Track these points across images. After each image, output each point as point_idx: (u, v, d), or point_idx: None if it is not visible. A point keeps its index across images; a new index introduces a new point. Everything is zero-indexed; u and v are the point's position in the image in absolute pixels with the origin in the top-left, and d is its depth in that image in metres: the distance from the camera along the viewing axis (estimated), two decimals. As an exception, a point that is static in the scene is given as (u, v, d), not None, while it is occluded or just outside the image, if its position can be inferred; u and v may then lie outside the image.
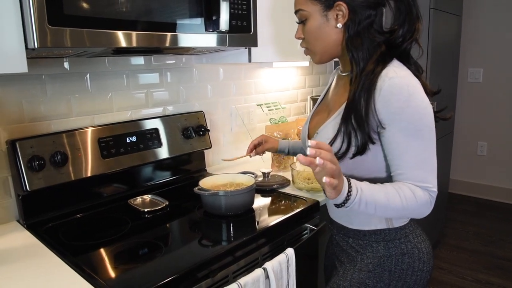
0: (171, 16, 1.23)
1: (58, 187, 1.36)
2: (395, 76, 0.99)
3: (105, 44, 1.09)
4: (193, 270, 1.07)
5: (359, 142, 1.03)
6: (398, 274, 1.13)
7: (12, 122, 1.35)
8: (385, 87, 0.99)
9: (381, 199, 0.98)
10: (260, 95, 2.25)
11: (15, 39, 0.97)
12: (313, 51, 1.16)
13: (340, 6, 1.05)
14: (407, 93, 0.98)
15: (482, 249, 3.22)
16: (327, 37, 1.10)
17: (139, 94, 1.70)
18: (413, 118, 0.99)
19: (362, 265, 1.15)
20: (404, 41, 1.06)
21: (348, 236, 1.20)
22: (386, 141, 1.02)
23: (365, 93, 1.01)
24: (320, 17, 1.08)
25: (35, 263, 1.12)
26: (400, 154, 1.01)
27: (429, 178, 1.01)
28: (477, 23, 3.98)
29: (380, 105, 0.99)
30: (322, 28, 1.09)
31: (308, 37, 1.13)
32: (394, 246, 1.13)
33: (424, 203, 1.00)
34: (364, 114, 1.01)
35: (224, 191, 1.37)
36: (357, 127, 1.02)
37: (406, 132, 0.99)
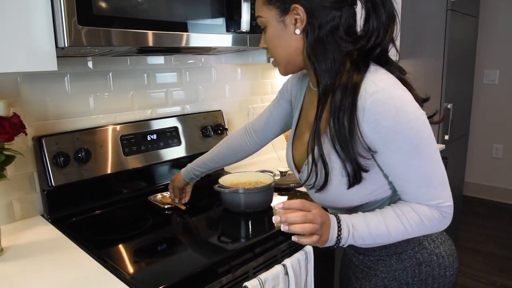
0: (195, 17, 1.26)
1: (81, 183, 1.40)
2: (376, 90, 0.85)
3: (133, 43, 1.12)
4: (214, 265, 1.09)
5: (350, 173, 0.91)
6: (417, 285, 1.04)
7: (38, 119, 1.39)
8: (368, 105, 0.85)
9: (380, 230, 0.91)
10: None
11: (46, 38, 1.00)
12: (277, 61, 1.01)
13: (297, 9, 0.90)
14: (394, 108, 0.84)
15: (497, 251, 3.20)
16: (287, 46, 0.96)
17: (159, 93, 1.73)
18: (407, 134, 0.86)
19: (378, 281, 1.07)
20: (375, 45, 0.91)
21: (359, 252, 1.11)
22: (382, 163, 0.91)
23: (347, 115, 0.87)
24: (277, 23, 0.95)
25: (62, 256, 1.15)
26: (401, 175, 0.91)
27: (438, 194, 0.91)
28: (494, 25, 3.95)
29: (367, 128, 0.86)
30: (280, 35, 0.95)
31: (269, 46, 0.99)
32: (407, 257, 1.03)
33: (436, 221, 0.92)
34: (349, 140, 0.87)
35: (243, 189, 1.39)
36: (344, 156, 0.90)
37: (402, 151, 0.87)
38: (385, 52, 0.93)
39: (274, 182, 1.46)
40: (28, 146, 1.36)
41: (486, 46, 3.99)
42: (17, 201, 1.37)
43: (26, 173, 1.38)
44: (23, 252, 1.17)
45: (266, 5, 0.95)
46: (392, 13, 0.90)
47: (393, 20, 0.91)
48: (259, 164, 1.99)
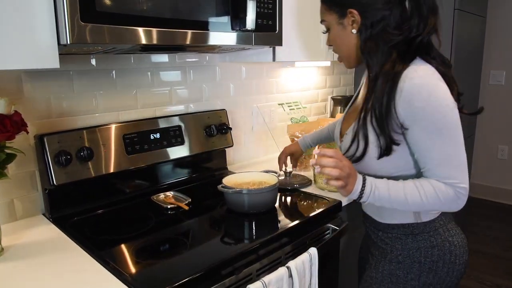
0: (200, 15, 1.24)
1: (83, 182, 1.38)
2: (415, 76, 1.01)
3: (136, 41, 1.10)
4: (218, 267, 1.07)
5: (382, 144, 1.06)
6: (428, 265, 1.15)
7: (40, 117, 1.37)
8: (406, 88, 1.00)
9: (399, 195, 1.04)
10: (281, 94, 2.25)
11: (48, 35, 0.99)
12: (341, 57, 1.21)
13: (352, 13, 1.08)
14: (427, 93, 0.99)
15: (502, 254, 3.17)
16: (348, 43, 1.14)
17: (163, 92, 1.71)
18: (434, 117, 1.00)
19: (392, 257, 1.20)
20: (418, 35, 1.05)
21: (378, 229, 1.24)
22: (410, 140, 1.05)
23: (386, 95, 1.03)
24: (337, 25, 1.14)
25: (62, 256, 1.13)
26: (424, 152, 1.04)
27: (455, 174, 1.02)
28: (501, 25, 3.91)
29: (401, 107, 1.01)
30: (341, 35, 1.14)
31: (333, 44, 1.20)
32: (422, 239, 1.16)
33: (450, 199, 1.03)
34: (385, 117, 1.03)
35: (247, 189, 1.37)
36: (379, 130, 1.05)
37: (428, 130, 1.01)
38: (427, 43, 1.07)
39: (278, 182, 1.44)
40: (30, 144, 1.35)
41: (493, 46, 3.95)
42: (19, 200, 1.36)
43: (27, 172, 1.37)
44: (23, 252, 1.16)
45: (328, 11, 1.14)
46: (432, 6, 1.05)
47: (433, 12, 1.05)
48: (264, 164, 1.98)
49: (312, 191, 1.62)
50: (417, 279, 1.17)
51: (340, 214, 1.50)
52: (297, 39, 1.74)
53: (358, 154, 1.10)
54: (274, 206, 1.45)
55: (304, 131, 1.93)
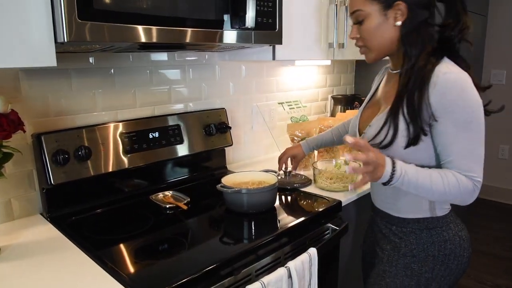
0: (200, 13, 1.23)
1: (81, 181, 1.37)
2: (449, 71, 1.06)
3: (135, 39, 1.09)
4: (216, 268, 1.06)
5: (411, 134, 1.10)
6: (441, 259, 1.21)
7: (38, 116, 1.36)
8: (440, 82, 1.05)
9: (425, 182, 1.07)
10: (281, 93, 2.24)
11: (44, 33, 0.97)
12: (370, 49, 1.20)
13: (399, 5, 1.11)
14: (460, 88, 1.05)
15: (502, 254, 3.17)
16: (385, 35, 1.16)
17: (162, 90, 1.70)
18: (464, 111, 1.05)
19: (407, 251, 1.24)
20: (454, 36, 1.12)
21: (392, 223, 1.28)
22: (437, 131, 1.09)
23: (419, 87, 1.08)
24: (379, 16, 1.14)
25: (59, 256, 1.12)
26: (449, 144, 1.08)
27: (475, 168, 1.08)
28: (502, 24, 3.89)
29: (434, 99, 1.06)
30: (380, 26, 1.15)
31: (366, 35, 1.18)
32: (436, 233, 1.21)
33: (468, 191, 1.08)
34: (417, 107, 1.07)
35: (246, 189, 1.36)
36: (409, 119, 1.09)
37: (456, 123, 1.05)
38: (458, 47, 1.14)
39: (277, 182, 1.43)
40: (28, 143, 1.34)
41: (494, 46, 3.93)
42: (16, 199, 1.35)
43: (25, 171, 1.36)
44: (20, 252, 1.15)
45: (370, 1, 1.14)
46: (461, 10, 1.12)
47: (465, 12, 1.12)
48: (263, 164, 1.97)
49: (312, 191, 1.61)
50: (431, 271, 1.21)
51: (340, 214, 1.49)
52: (297, 37, 1.72)
53: (386, 142, 1.13)
54: (273, 206, 1.44)
55: (304, 130, 1.92)
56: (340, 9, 1.87)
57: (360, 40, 1.21)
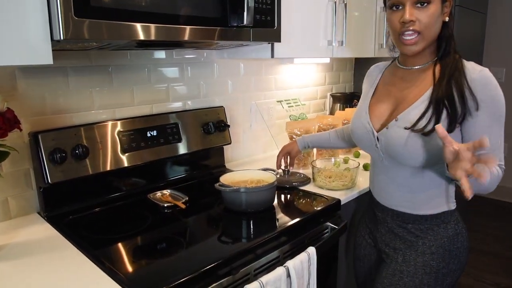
0: (198, 10, 1.22)
1: (78, 180, 1.36)
2: (482, 69, 1.12)
3: (132, 36, 1.08)
4: (215, 267, 1.06)
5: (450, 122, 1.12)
6: (455, 252, 1.25)
7: (35, 114, 1.35)
8: (477, 77, 1.10)
9: None
10: (280, 91, 2.23)
11: (41, 31, 0.96)
12: (424, 37, 1.16)
13: (450, 1, 1.16)
14: (495, 84, 1.11)
15: (502, 252, 3.16)
16: (437, 27, 1.16)
17: (160, 88, 1.69)
18: (499, 105, 1.12)
19: (425, 248, 1.25)
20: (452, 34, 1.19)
21: (407, 222, 1.27)
22: (472, 123, 1.12)
23: (456, 81, 1.12)
24: (441, 5, 1.14)
25: (57, 255, 1.11)
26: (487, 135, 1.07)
27: (501, 157, 1.15)
28: (501, 22, 3.89)
29: (476, 91, 1.10)
30: (438, 16, 1.14)
31: (426, 21, 1.13)
32: (451, 227, 1.25)
33: (497, 179, 1.13)
34: (458, 98, 1.11)
35: (245, 188, 1.35)
36: (450, 109, 1.12)
37: (493, 116, 1.11)
38: None
39: (276, 180, 1.42)
40: (24, 142, 1.33)
41: (493, 43, 3.93)
42: (13, 198, 1.34)
43: (22, 170, 1.35)
44: (17, 252, 1.14)
45: None
46: None
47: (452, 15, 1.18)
48: (262, 162, 1.96)
49: (310, 189, 1.60)
50: (447, 266, 1.24)
51: (339, 213, 1.49)
52: (296, 35, 1.71)
53: (428, 129, 1.12)
54: (272, 205, 1.44)
55: (303, 128, 1.91)
56: (339, 6, 1.86)
57: (417, 25, 1.13)
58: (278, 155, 1.71)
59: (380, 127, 1.25)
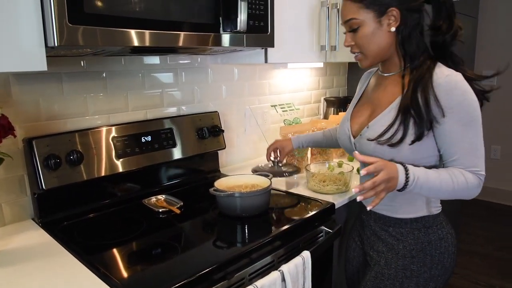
0: (192, 16, 1.23)
1: (73, 186, 1.36)
2: (450, 73, 1.11)
3: (126, 43, 1.08)
4: (210, 272, 1.06)
5: (417, 129, 1.13)
6: (438, 258, 1.24)
7: (29, 120, 1.35)
8: (443, 83, 1.10)
9: (435, 184, 1.11)
10: (274, 96, 2.24)
11: (35, 37, 0.96)
12: (366, 55, 1.23)
13: (393, 11, 1.15)
14: (463, 88, 1.10)
15: (495, 253, 3.18)
16: (381, 41, 1.19)
17: (154, 94, 1.69)
18: (468, 110, 1.10)
19: (405, 252, 1.25)
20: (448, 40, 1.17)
21: (388, 225, 1.29)
22: (441, 131, 1.13)
23: (423, 87, 1.12)
24: (373, 23, 1.17)
25: (51, 262, 1.11)
26: (455, 142, 1.12)
27: (479, 163, 1.13)
28: (493, 26, 3.94)
29: (441, 97, 1.10)
30: (375, 33, 1.18)
31: (362, 42, 1.20)
32: (433, 232, 1.25)
33: (474, 186, 1.13)
34: (423, 104, 1.11)
35: (239, 192, 1.36)
36: (416, 116, 1.12)
37: (462, 122, 1.10)
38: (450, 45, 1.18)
39: (271, 185, 1.43)
40: (19, 148, 1.33)
41: (485, 47, 3.98)
42: (7, 204, 1.34)
43: (16, 176, 1.35)
44: (12, 258, 1.13)
45: (364, 9, 1.16)
46: (451, 15, 1.16)
47: (452, 20, 1.16)
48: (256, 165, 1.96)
49: (305, 193, 1.61)
50: (429, 271, 1.24)
51: (334, 217, 1.49)
52: (289, 40, 1.73)
53: (395, 140, 1.15)
54: (266, 209, 1.44)
55: (297, 132, 1.92)
56: (332, 11, 1.87)
57: (355, 47, 1.23)
58: (269, 148, 1.74)
59: (358, 131, 1.29)
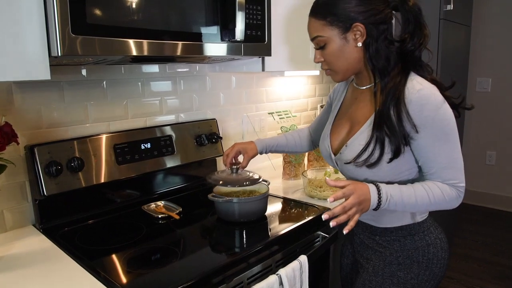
0: (190, 26, 1.26)
1: (74, 192, 1.39)
2: (422, 88, 1.10)
3: (127, 52, 1.12)
4: (208, 276, 1.09)
5: (393, 146, 1.12)
6: (425, 264, 1.24)
7: (31, 128, 1.38)
8: (415, 98, 1.08)
9: (410, 201, 1.12)
10: (271, 103, 2.27)
11: (39, 47, 1.00)
12: (336, 71, 1.22)
13: (357, 26, 1.13)
14: (435, 103, 1.09)
15: (491, 258, 3.21)
16: (349, 57, 1.17)
17: (153, 102, 1.72)
18: (442, 124, 1.09)
19: (392, 259, 1.25)
20: (415, 48, 1.14)
21: (375, 234, 1.29)
22: (418, 146, 1.12)
23: (395, 103, 1.11)
24: (339, 39, 1.15)
25: (53, 266, 1.14)
26: (432, 157, 1.12)
27: (457, 176, 1.13)
28: (486, 33, 4.00)
29: (413, 113, 1.09)
30: (343, 49, 1.16)
31: (330, 59, 1.19)
32: (419, 238, 1.24)
33: (453, 198, 1.14)
34: (396, 121, 1.10)
35: (237, 198, 1.38)
36: (390, 133, 1.12)
37: (437, 137, 1.10)
38: (420, 56, 1.16)
39: (268, 191, 1.46)
40: (20, 155, 1.35)
41: (479, 54, 4.03)
42: (8, 211, 1.36)
43: (17, 183, 1.37)
44: (13, 263, 1.16)
45: (328, 26, 1.15)
46: (419, 23, 1.14)
47: (420, 29, 1.14)
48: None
49: (301, 199, 1.64)
50: (416, 277, 1.24)
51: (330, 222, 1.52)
52: (285, 49, 1.77)
53: (373, 160, 1.15)
54: (264, 215, 1.47)
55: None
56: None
57: (324, 63, 1.23)
58: (229, 152, 1.50)
59: (338, 150, 1.27)
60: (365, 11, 1.12)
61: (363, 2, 1.13)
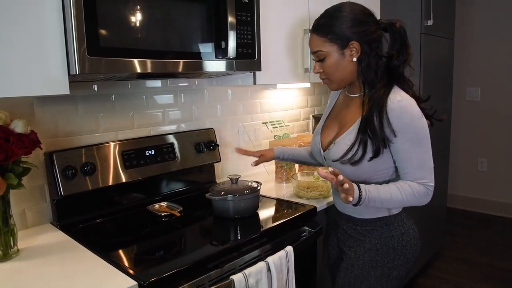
0: (188, 46, 1.45)
1: (87, 193, 1.56)
2: (401, 99, 1.29)
3: (134, 70, 1.30)
4: (205, 261, 1.25)
5: (374, 147, 1.30)
6: (400, 250, 1.42)
7: (49, 136, 1.56)
8: (395, 108, 1.27)
9: (386, 197, 1.30)
10: (265, 114, 2.45)
11: (60, 66, 1.18)
12: (332, 81, 1.41)
13: (354, 44, 1.32)
14: (411, 112, 1.28)
15: (482, 260, 3.27)
16: (344, 69, 1.36)
17: (157, 113, 1.91)
18: (416, 131, 1.29)
19: (371, 245, 1.43)
20: (400, 64, 1.35)
21: (356, 224, 1.48)
22: (395, 148, 1.31)
23: (378, 111, 1.29)
24: (337, 54, 1.34)
25: (71, 255, 1.31)
26: (406, 158, 1.31)
27: (427, 176, 1.32)
28: (471, 45, 4.15)
29: (393, 120, 1.27)
30: (339, 63, 1.35)
31: (328, 70, 1.38)
32: (394, 228, 1.43)
33: (422, 195, 1.32)
34: (378, 126, 1.29)
35: (232, 195, 1.55)
36: (372, 136, 1.30)
37: (411, 141, 1.29)
38: (403, 71, 1.36)
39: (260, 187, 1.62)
40: (40, 160, 1.53)
41: (466, 65, 4.18)
42: (29, 210, 1.53)
43: (37, 185, 1.55)
44: (36, 253, 1.33)
45: (328, 42, 1.34)
46: (404, 43, 1.35)
47: (405, 47, 1.35)
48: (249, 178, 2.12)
49: (291, 199, 1.81)
50: (392, 261, 1.42)
51: (316, 218, 1.68)
52: (275, 64, 1.92)
53: (357, 158, 1.33)
54: (256, 212, 1.64)
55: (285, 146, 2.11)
56: (314, 38, 2.08)
57: (323, 74, 1.41)
58: (254, 152, 1.77)
59: (327, 146, 1.46)
60: (360, 31, 1.31)
61: (359, 24, 1.32)
